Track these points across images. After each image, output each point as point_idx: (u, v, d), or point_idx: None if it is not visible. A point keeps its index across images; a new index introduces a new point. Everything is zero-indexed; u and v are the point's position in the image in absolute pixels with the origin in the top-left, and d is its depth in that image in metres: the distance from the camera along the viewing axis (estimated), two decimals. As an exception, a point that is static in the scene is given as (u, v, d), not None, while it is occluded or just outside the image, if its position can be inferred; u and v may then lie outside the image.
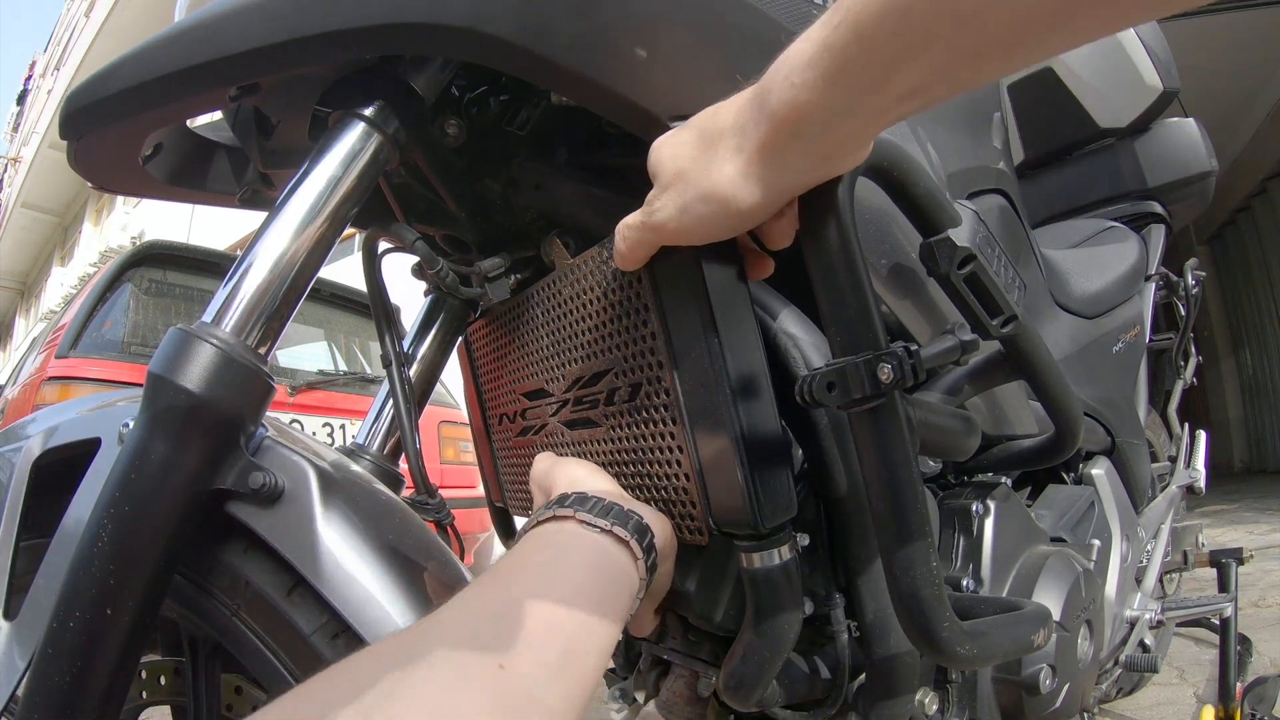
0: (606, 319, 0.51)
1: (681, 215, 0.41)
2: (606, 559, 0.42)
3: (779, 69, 0.36)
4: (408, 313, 0.72)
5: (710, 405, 0.45)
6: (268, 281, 0.46)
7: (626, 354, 0.50)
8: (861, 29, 0.31)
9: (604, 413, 0.54)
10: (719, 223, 0.40)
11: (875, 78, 0.33)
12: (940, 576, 0.43)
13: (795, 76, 0.34)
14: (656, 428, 0.49)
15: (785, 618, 0.48)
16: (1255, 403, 6.65)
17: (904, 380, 0.40)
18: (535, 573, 0.39)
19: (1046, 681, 0.66)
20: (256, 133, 0.60)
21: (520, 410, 0.66)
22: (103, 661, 0.40)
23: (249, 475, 0.44)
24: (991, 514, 0.69)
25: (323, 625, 0.44)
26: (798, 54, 0.35)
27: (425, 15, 0.43)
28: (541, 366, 0.61)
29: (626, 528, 0.44)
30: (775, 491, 0.45)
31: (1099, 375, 1.04)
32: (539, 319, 0.59)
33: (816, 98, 0.34)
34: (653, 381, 0.49)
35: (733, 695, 0.51)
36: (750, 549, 0.47)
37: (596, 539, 0.43)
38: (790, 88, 0.35)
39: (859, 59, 0.32)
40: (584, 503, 0.45)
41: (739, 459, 0.44)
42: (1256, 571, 2.49)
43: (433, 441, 2.78)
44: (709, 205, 0.40)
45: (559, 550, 0.42)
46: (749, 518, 0.44)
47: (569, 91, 0.48)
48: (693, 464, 0.47)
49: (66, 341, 2.23)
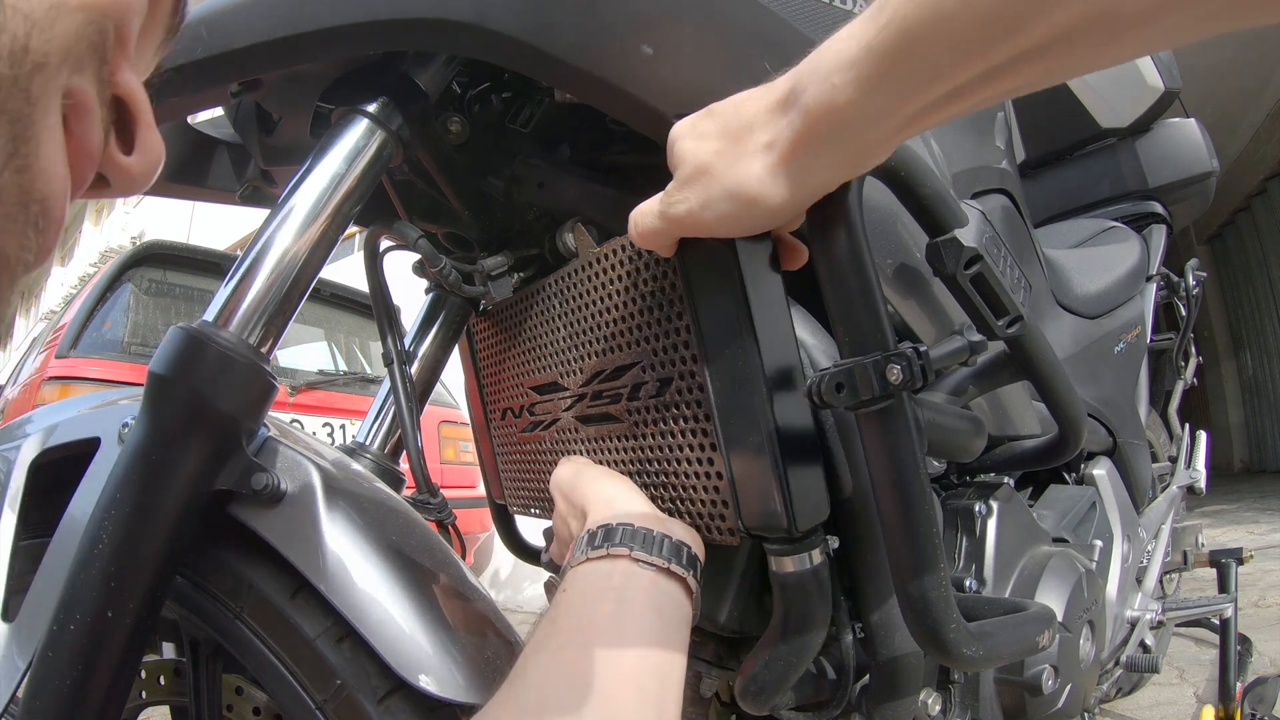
0: (634, 310, 0.50)
1: (703, 210, 0.40)
2: (668, 599, 0.43)
3: (817, 67, 0.35)
4: (409, 312, 0.72)
5: (744, 403, 0.43)
6: (270, 280, 0.46)
7: (656, 347, 0.49)
8: (909, 32, 0.30)
9: (626, 408, 0.52)
10: (744, 221, 0.40)
11: (920, 83, 0.32)
12: (948, 579, 0.43)
13: (835, 77, 0.33)
14: (686, 424, 0.48)
15: (815, 624, 0.48)
16: (1255, 403, 6.66)
17: (913, 381, 0.39)
18: (606, 628, 0.40)
19: (1049, 682, 0.65)
20: (258, 129, 0.60)
21: (528, 404, 0.65)
22: (103, 662, 0.40)
23: (251, 475, 0.44)
24: (994, 514, 0.68)
25: (327, 629, 0.44)
26: (838, 53, 0.34)
27: (430, 11, 0.42)
28: (555, 360, 0.59)
29: (681, 562, 0.44)
30: (809, 493, 0.44)
31: (1100, 376, 1.04)
32: (554, 310, 0.58)
33: (856, 99, 0.33)
34: (685, 377, 0.47)
35: (751, 700, 0.51)
36: (782, 553, 0.46)
37: (656, 579, 0.43)
38: (830, 88, 0.34)
39: (905, 63, 0.31)
40: (634, 538, 0.44)
41: (773, 459, 0.43)
42: (1256, 571, 2.49)
43: (433, 441, 2.78)
44: (734, 203, 0.39)
45: (623, 600, 0.42)
46: (782, 521, 0.43)
47: (573, 88, 0.48)
48: (724, 463, 0.46)
49: (66, 341, 2.23)
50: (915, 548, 0.42)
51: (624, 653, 0.39)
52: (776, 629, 0.49)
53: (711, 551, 0.51)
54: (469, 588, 0.48)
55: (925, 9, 0.30)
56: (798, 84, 0.36)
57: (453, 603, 0.45)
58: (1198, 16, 0.27)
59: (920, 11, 0.30)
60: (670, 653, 0.40)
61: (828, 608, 0.48)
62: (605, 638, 0.39)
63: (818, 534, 0.46)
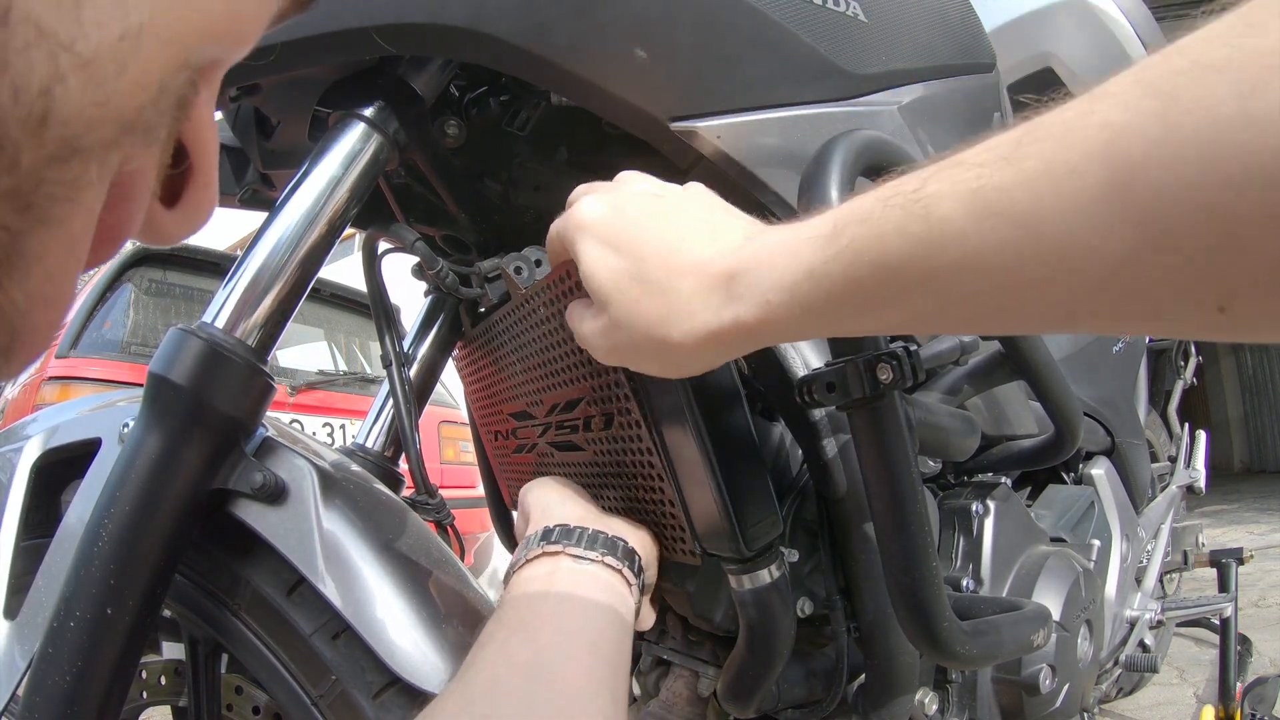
0: (569, 350, 0.50)
1: (611, 353, 0.40)
2: (607, 590, 0.44)
3: (760, 277, 0.33)
4: (408, 313, 0.72)
5: (680, 435, 0.44)
6: (268, 281, 0.46)
7: (594, 385, 0.49)
8: (853, 272, 0.30)
9: (585, 438, 0.53)
10: (662, 371, 0.40)
11: (854, 315, 0.32)
12: (940, 576, 0.43)
13: (772, 295, 0.33)
14: (635, 456, 0.49)
15: (777, 635, 0.49)
16: (1255, 403, 6.65)
17: (903, 380, 0.40)
18: (550, 618, 0.41)
19: (1046, 681, 0.66)
20: (256, 133, 0.60)
21: (510, 429, 0.66)
22: (103, 661, 0.40)
23: (249, 475, 0.44)
24: (991, 514, 0.69)
25: (323, 625, 0.44)
26: (780, 271, 0.33)
27: (426, 16, 0.43)
28: (521, 390, 0.60)
29: (616, 555, 0.45)
30: (756, 515, 0.45)
31: (1099, 375, 1.04)
32: (509, 345, 0.58)
33: (786, 319, 0.33)
34: (623, 412, 0.48)
35: (731, 704, 0.52)
36: (737, 571, 0.47)
37: (593, 573, 0.44)
38: (765, 305, 0.33)
39: (843, 297, 0.31)
40: (568, 535, 0.46)
41: (714, 486, 0.44)
42: (1256, 571, 2.49)
43: (433, 441, 2.78)
44: (650, 357, 0.38)
45: (562, 594, 0.43)
46: (731, 543, 0.44)
47: (569, 92, 0.48)
48: (674, 491, 0.47)
49: (66, 341, 2.23)
50: (908, 546, 0.42)
51: (569, 639, 0.40)
52: (743, 642, 0.50)
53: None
54: (465, 585, 0.48)
55: (872, 251, 0.29)
56: (737, 275, 0.34)
57: (448, 600, 0.45)
58: (1044, 319, 0.27)
59: (868, 254, 0.29)
60: (614, 639, 0.41)
61: (790, 620, 0.49)
62: (550, 627, 0.40)
63: (772, 551, 0.47)
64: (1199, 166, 0.20)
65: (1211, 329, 0.23)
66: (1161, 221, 0.21)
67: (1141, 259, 0.22)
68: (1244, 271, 0.21)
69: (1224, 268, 0.21)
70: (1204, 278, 0.21)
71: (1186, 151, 0.20)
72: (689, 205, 0.39)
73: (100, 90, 0.13)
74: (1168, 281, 0.22)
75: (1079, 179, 0.23)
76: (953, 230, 0.26)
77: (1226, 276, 0.21)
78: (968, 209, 0.26)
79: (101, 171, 0.14)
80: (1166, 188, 0.21)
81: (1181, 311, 0.23)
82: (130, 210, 0.17)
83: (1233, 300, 0.21)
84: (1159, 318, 0.24)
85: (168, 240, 0.20)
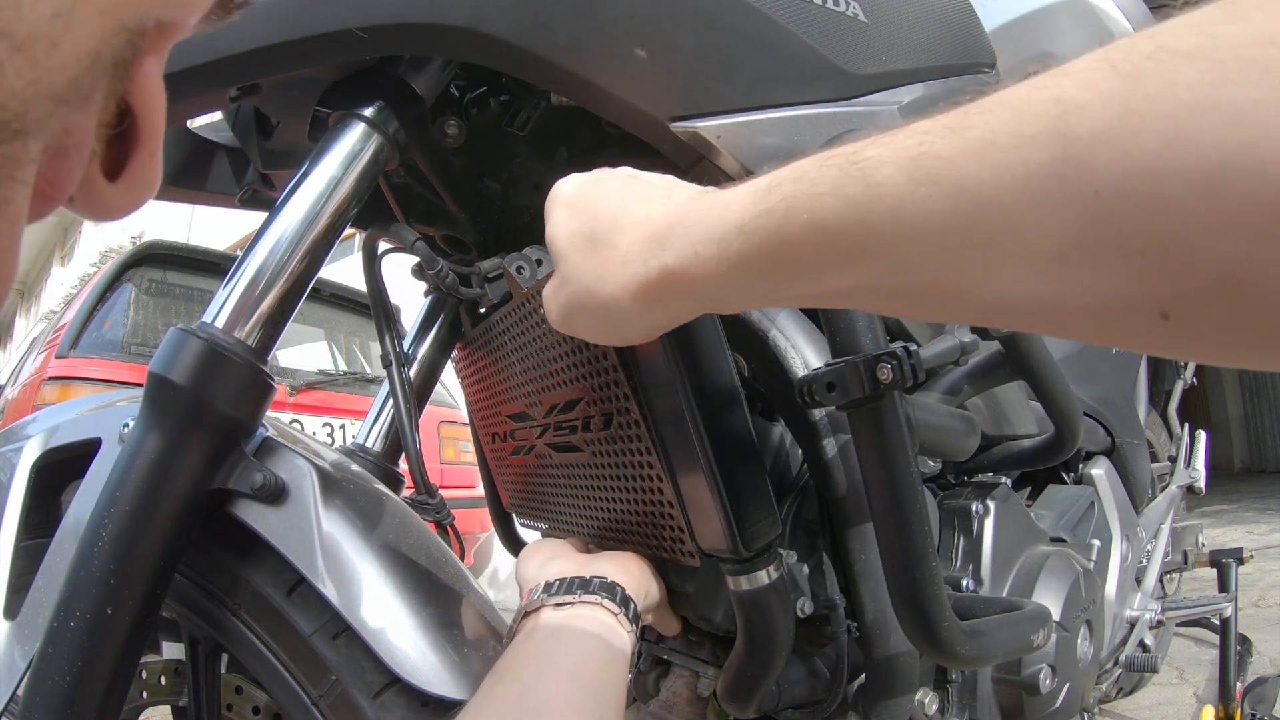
0: (568, 349, 0.50)
1: (561, 315, 0.40)
2: (589, 624, 0.45)
3: (690, 228, 0.33)
4: (408, 313, 0.72)
5: (679, 435, 0.45)
6: (268, 281, 0.46)
7: (593, 384, 0.49)
8: (785, 229, 0.28)
9: (583, 439, 0.53)
10: (610, 336, 0.39)
11: (786, 278, 0.30)
12: (940, 576, 0.43)
13: (700, 247, 0.32)
14: (634, 457, 0.49)
15: (776, 636, 0.49)
16: (1255, 403, 6.65)
17: (903, 380, 0.40)
18: (534, 660, 0.42)
19: (1046, 681, 0.66)
20: (256, 133, 0.60)
21: (509, 431, 0.66)
22: (103, 661, 0.40)
23: (249, 475, 0.44)
24: (991, 514, 0.69)
25: (323, 625, 0.44)
26: (710, 222, 0.32)
27: (425, 16, 0.43)
28: (520, 391, 0.60)
29: (591, 590, 0.46)
30: (755, 516, 0.45)
31: (1098, 375, 1.04)
32: (509, 345, 0.59)
33: (715, 274, 0.32)
34: (622, 412, 0.48)
35: (731, 704, 0.52)
36: (735, 572, 0.47)
37: (573, 613, 0.45)
38: (694, 257, 0.32)
39: (774, 256, 0.29)
40: (549, 589, 0.47)
41: (714, 487, 0.44)
42: (1256, 571, 2.49)
43: (433, 441, 2.78)
44: (591, 316, 0.38)
45: (545, 639, 0.44)
46: (729, 544, 0.45)
47: (569, 92, 0.48)
48: (672, 492, 0.47)
49: (66, 341, 2.23)
50: (907, 545, 0.42)
51: (552, 676, 0.41)
52: (741, 643, 0.50)
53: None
54: (465, 586, 0.48)
55: (803, 213, 0.28)
56: (672, 227, 0.34)
57: (448, 600, 0.46)
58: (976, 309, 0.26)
59: (798, 215, 0.28)
60: (599, 666, 0.43)
61: (789, 621, 0.49)
62: (535, 668, 0.42)
63: (770, 552, 0.47)
64: (1155, 155, 0.19)
65: (1154, 337, 0.21)
66: (1107, 205, 0.20)
67: (1084, 246, 0.21)
68: (1189, 274, 0.19)
69: (1169, 267, 0.19)
70: (1147, 276, 0.20)
71: (1144, 139, 0.19)
72: (663, 180, 0.39)
73: (34, 70, 0.13)
74: (1110, 274, 0.21)
75: (1024, 151, 0.21)
76: (889, 195, 0.25)
77: (1171, 278, 0.20)
78: (907, 175, 0.24)
79: (40, 145, 0.14)
80: (1117, 172, 0.19)
81: (1122, 313, 0.22)
82: (67, 168, 0.17)
83: (1176, 305, 0.20)
84: (1101, 315, 0.22)
85: (111, 214, 0.20)
